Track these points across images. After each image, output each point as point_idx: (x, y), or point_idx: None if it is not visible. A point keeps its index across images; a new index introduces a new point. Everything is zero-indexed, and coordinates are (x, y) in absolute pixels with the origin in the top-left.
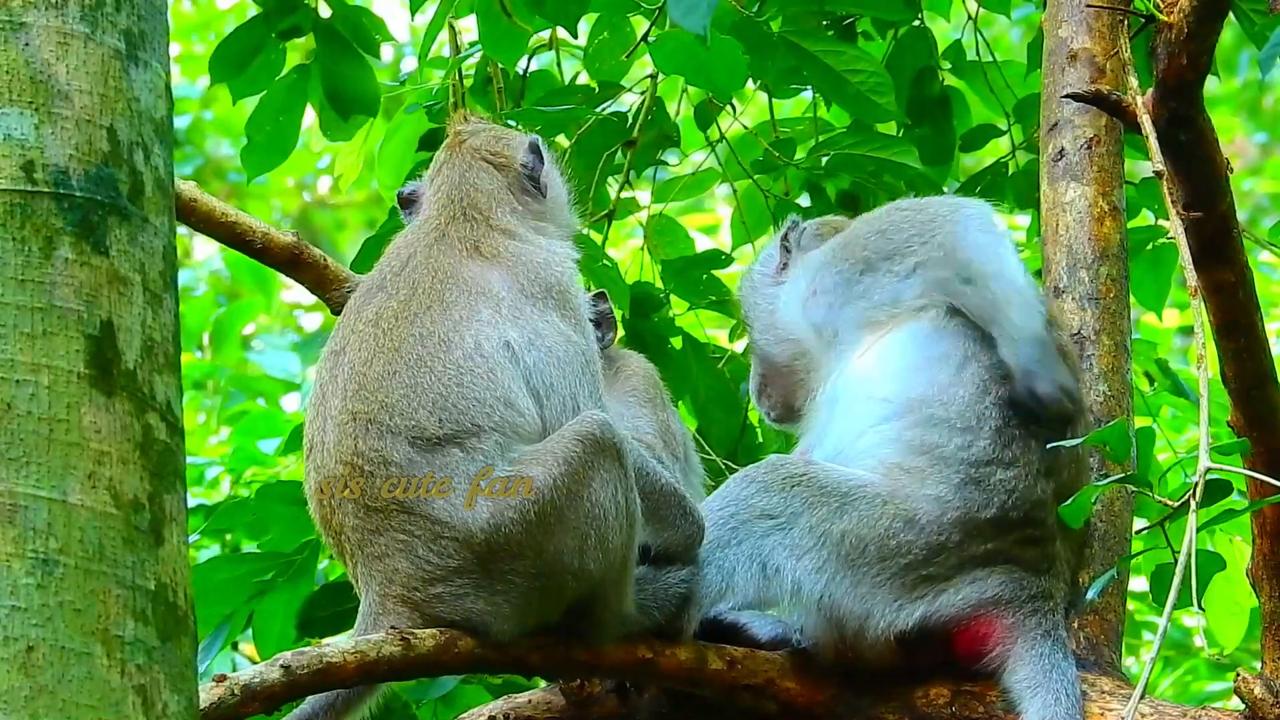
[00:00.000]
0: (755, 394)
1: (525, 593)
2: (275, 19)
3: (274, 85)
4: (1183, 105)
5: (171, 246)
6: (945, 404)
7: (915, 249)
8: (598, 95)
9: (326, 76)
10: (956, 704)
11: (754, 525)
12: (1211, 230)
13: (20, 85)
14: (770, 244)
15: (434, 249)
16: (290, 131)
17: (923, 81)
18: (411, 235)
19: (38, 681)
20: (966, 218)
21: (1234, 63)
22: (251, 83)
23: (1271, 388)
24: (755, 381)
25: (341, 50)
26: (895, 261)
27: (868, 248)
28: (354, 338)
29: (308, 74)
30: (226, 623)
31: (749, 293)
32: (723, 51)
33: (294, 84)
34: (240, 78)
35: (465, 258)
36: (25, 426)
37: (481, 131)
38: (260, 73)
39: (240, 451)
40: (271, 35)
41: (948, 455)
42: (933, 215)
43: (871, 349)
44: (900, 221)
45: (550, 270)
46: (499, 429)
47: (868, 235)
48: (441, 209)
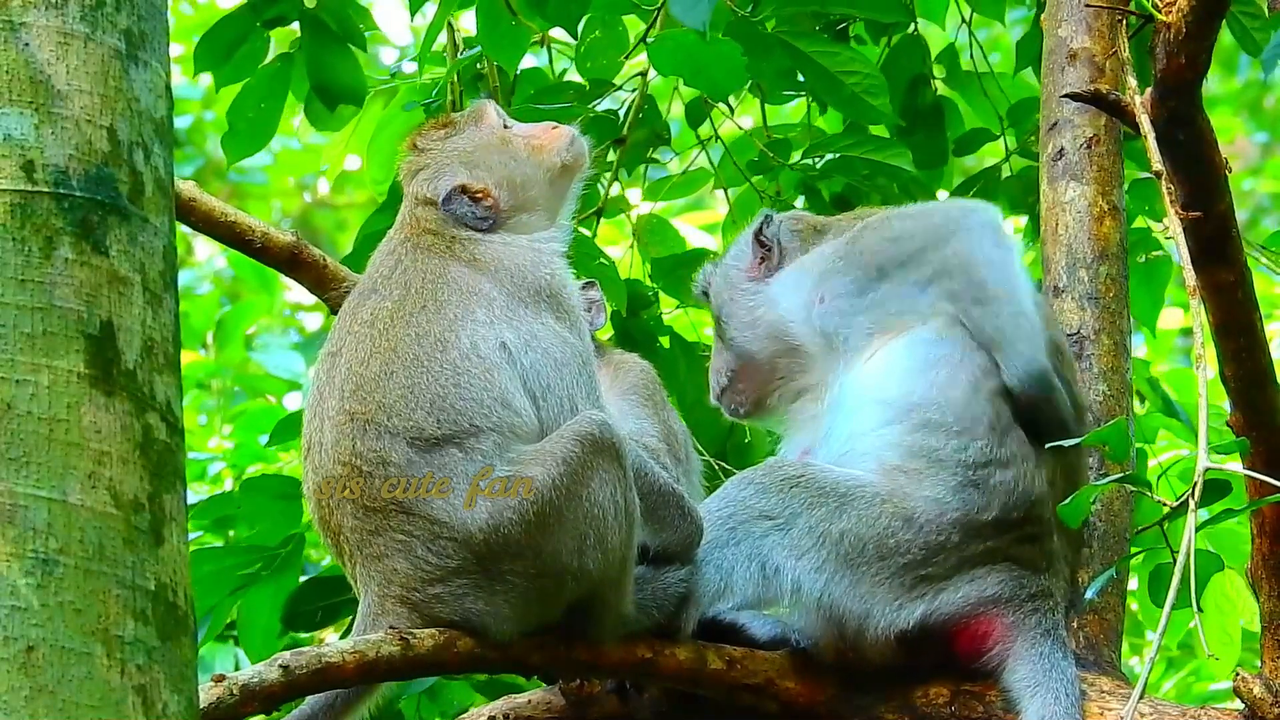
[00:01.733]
0: (718, 387)
1: (524, 593)
2: (261, 8)
3: (257, 73)
4: (1182, 105)
5: (171, 246)
6: (942, 407)
7: (930, 257)
8: (589, 93)
9: (312, 67)
10: (956, 703)
11: (752, 526)
12: (1210, 230)
13: (20, 85)
14: (742, 238)
15: (417, 254)
16: (271, 118)
17: (916, 89)
18: (394, 242)
19: (38, 681)
20: (980, 226)
21: (1234, 63)
22: (236, 71)
23: (1270, 388)
24: (722, 375)
25: (327, 40)
26: (910, 270)
27: (881, 255)
28: (350, 339)
29: (291, 62)
30: (209, 615)
31: (723, 288)
32: (721, 52)
33: (277, 71)
34: (225, 66)
35: (450, 261)
36: (25, 426)
37: (417, 171)
38: (245, 61)
39: (243, 447)
40: (257, 25)
41: (945, 458)
42: (944, 220)
43: (878, 354)
44: (912, 229)
45: (538, 272)
46: (497, 429)
47: (879, 242)
48: (410, 226)
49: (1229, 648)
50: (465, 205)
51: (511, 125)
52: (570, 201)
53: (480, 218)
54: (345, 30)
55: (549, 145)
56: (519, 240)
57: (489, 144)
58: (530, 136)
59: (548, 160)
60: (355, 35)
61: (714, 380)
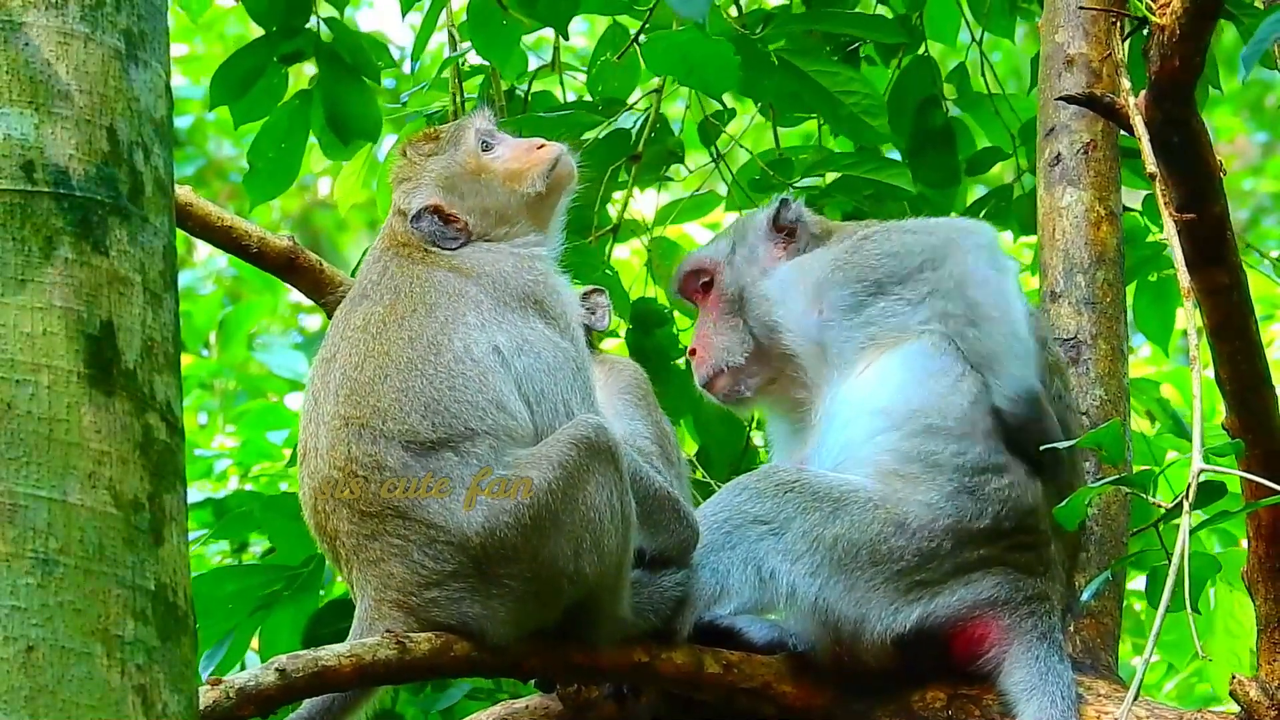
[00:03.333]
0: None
1: (521, 596)
2: (277, 42)
3: (276, 112)
4: (1176, 107)
5: (171, 246)
6: (942, 412)
7: (927, 275)
8: (601, 111)
9: (328, 101)
10: (953, 707)
11: (747, 530)
12: (1205, 232)
13: (20, 85)
14: (762, 216)
15: (401, 261)
16: (293, 159)
17: (926, 111)
18: (379, 249)
19: (38, 681)
20: (977, 247)
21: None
22: (253, 107)
23: (1266, 390)
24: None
25: (343, 75)
26: (907, 287)
27: (879, 270)
28: (344, 344)
29: (309, 100)
30: (230, 635)
31: (746, 268)
32: (714, 51)
33: (296, 111)
34: (241, 101)
35: (433, 268)
36: (25, 426)
37: (401, 180)
38: (261, 96)
39: (249, 445)
40: (273, 59)
41: (942, 462)
42: (943, 240)
43: (871, 366)
44: (912, 245)
45: (520, 277)
46: (492, 433)
47: (878, 256)
48: (389, 235)
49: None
50: (435, 225)
51: (496, 144)
52: (558, 215)
53: (449, 238)
54: (360, 64)
55: (526, 171)
56: (500, 247)
57: (463, 172)
58: (509, 161)
59: (523, 189)
60: (370, 69)
61: (720, 358)
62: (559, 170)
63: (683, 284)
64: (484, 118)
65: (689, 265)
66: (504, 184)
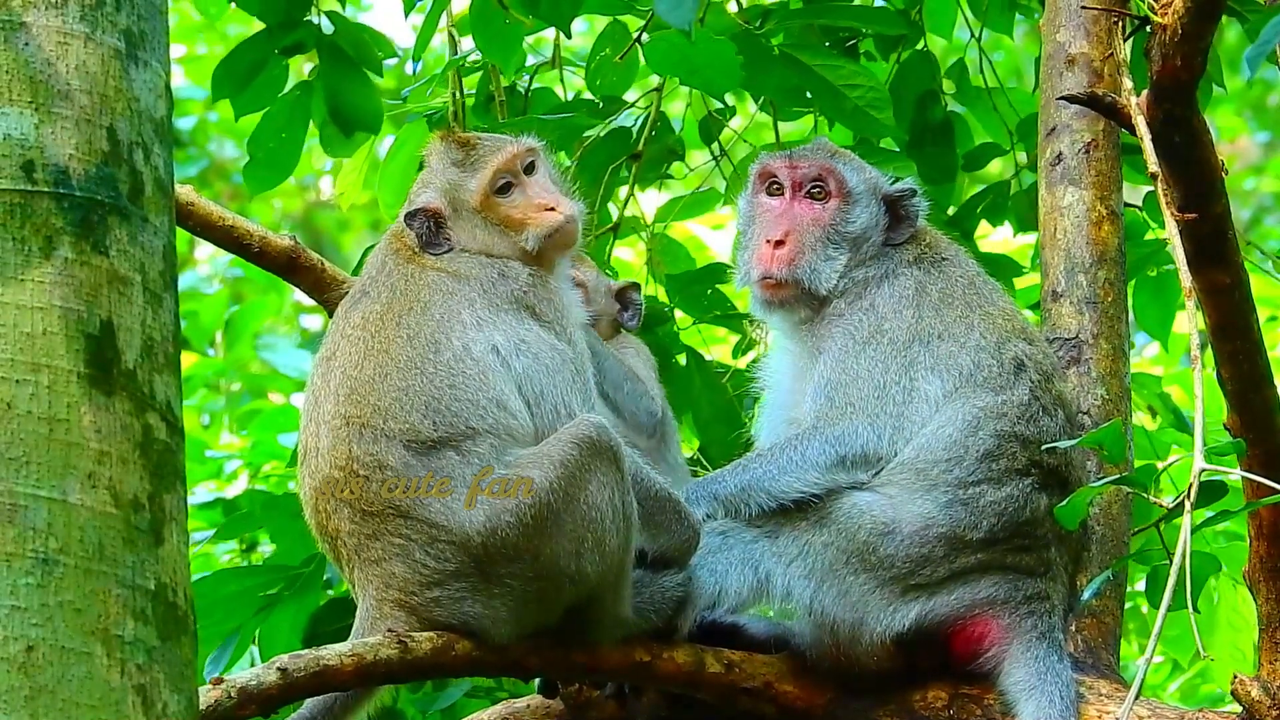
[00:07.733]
0: (805, 290)
1: (522, 596)
2: (278, 35)
3: (277, 103)
4: (1177, 107)
5: (171, 246)
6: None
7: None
8: (601, 110)
9: (329, 94)
10: (954, 706)
11: (743, 532)
12: (1207, 232)
13: (20, 85)
14: (876, 184)
15: (398, 258)
16: (292, 149)
17: (925, 106)
18: (380, 246)
19: (38, 681)
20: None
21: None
22: (254, 99)
23: (1267, 389)
24: (825, 286)
25: (344, 67)
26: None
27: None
28: (344, 343)
29: (310, 91)
30: (234, 635)
31: (863, 207)
32: (716, 51)
33: (296, 101)
34: (243, 94)
35: (426, 268)
36: (25, 426)
37: (419, 173)
38: (263, 89)
39: (260, 445)
40: (274, 52)
41: (933, 478)
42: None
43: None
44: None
45: (508, 284)
46: (493, 432)
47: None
48: (393, 232)
49: (1242, 666)
50: (426, 228)
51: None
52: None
53: (434, 244)
54: (362, 57)
55: (527, 226)
56: (486, 260)
57: (469, 200)
58: (515, 210)
59: (517, 240)
60: (372, 62)
61: (806, 275)
62: (556, 238)
63: (810, 170)
64: (518, 157)
65: (840, 168)
66: (502, 228)
